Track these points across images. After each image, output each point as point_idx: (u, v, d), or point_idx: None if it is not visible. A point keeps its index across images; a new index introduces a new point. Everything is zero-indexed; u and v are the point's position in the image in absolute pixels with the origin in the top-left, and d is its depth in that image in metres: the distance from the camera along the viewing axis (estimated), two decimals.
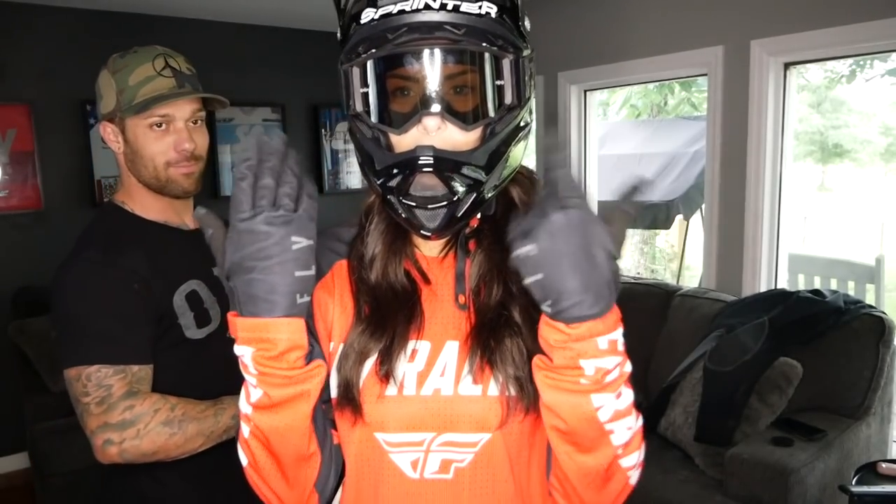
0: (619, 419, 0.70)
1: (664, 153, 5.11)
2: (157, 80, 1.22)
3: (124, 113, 1.22)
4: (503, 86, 0.74)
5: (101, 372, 1.12)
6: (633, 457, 0.74)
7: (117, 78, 1.22)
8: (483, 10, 0.71)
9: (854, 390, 2.43)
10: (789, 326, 2.47)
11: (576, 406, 0.69)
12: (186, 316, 1.23)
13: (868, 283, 4.27)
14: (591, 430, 0.70)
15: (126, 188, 1.31)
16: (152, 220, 1.29)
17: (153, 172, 1.25)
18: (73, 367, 1.14)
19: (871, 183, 9.72)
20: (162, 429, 1.12)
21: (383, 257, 0.83)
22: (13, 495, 3.33)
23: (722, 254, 3.10)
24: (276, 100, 4.28)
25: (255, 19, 4.05)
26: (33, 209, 3.51)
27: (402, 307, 0.80)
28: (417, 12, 0.70)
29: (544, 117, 3.87)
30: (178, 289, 1.23)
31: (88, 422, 1.13)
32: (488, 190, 0.75)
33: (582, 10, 3.58)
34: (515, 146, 0.78)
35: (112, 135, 1.28)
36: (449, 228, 0.75)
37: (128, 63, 1.22)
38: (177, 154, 1.24)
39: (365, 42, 0.73)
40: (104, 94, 1.25)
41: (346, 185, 4.62)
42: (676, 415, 2.55)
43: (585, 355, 0.66)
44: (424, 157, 0.71)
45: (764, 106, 2.85)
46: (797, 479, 2.09)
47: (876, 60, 5.87)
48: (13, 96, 3.41)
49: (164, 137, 1.23)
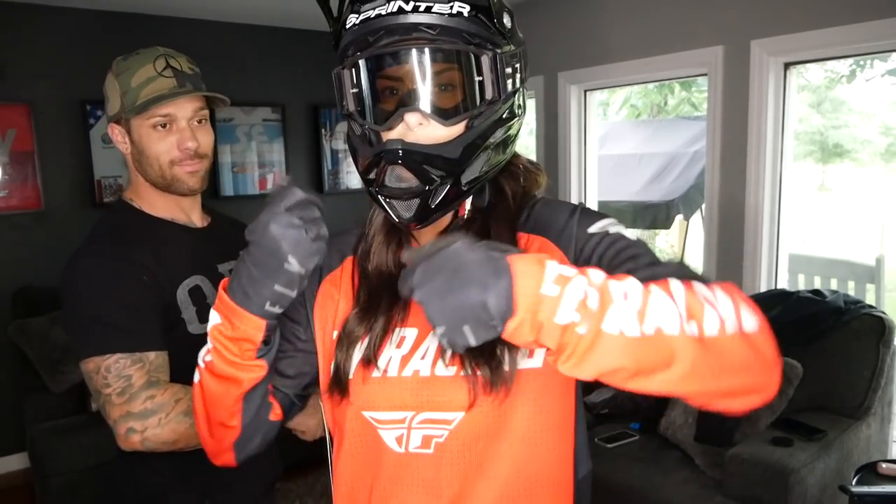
0: (650, 313, 0.61)
1: (664, 153, 5.11)
2: (158, 80, 1.24)
3: (128, 114, 1.24)
4: (482, 81, 0.77)
5: (120, 363, 1.14)
6: (711, 317, 0.63)
7: (120, 80, 1.25)
8: (455, 10, 0.75)
9: (854, 390, 2.43)
10: (789, 326, 2.47)
11: (607, 350, 0.61)
12: (189, 310, 1.26)
13: (868, 283, 4.27)
14: (645, 348, 0.61)
15: (134, 186, 1.34)
16: (160, 217, 1.32)
17: (158, 171, 1.28)
18: (90, 357, 1.15)
19: (871, 183, 9.72)
20: (183, 419, 1.14)
21: (379, 248, 0.88)
22: (13, 495, 3.33)
23: (722, 254, 3.10)
24: (276, 100, 4.28)
25: (256, 19, 4.05)
26: (33, 209, 3.51)
27: (391, 294, 0.82)
28: (393, 15, 0.74)
29: (544, 117, 3.87)
30: (182, 283, 1.26)
31: (111, 412, 1.15)
32: (466, 181, 0.79)
33: (582, 9, 3.58)
34: (501, 137, 0.81)
35: (119, 136, 1.30)
36: (426, 218, 0.79)
37: (130, 65, 1.25)
38: (180, 153, 1.26)
39: (351, 46, 0.79)
40: (110, 97, 1.28)
41: (345, 185, 4.62)
42: (676, 415, 2.56)
43: (551, 319, 0.60)
44: (392, 149, 0.76)
45: (764, 106, 2.85)
46: (797, 479, 2.09)
47: (876, 60, 5.87)
48: (13, 96, 3.41)
49: (167, 137, 1.26)
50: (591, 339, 0.60)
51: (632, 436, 2.68)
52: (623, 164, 5.25)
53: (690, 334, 0.62)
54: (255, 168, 4.27)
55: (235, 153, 4.18)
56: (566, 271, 0.62)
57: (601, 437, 2.67)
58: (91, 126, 3.62)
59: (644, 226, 5.24)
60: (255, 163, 4.27)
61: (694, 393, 0.65)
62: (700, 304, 0.64)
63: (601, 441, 2.65)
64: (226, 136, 4.11)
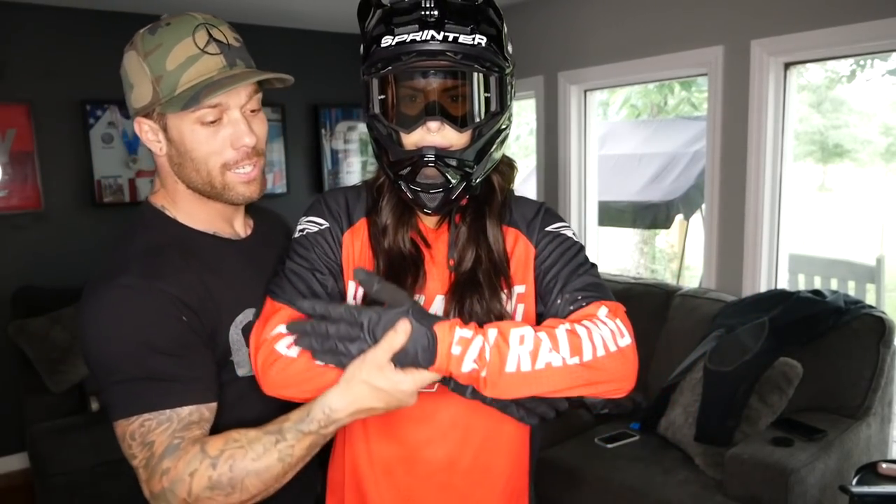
0: (541, 354, 0.89)
1: (664, 153, 5.11)
2: (203, 60, 0.98)
3: (166, 107, 0.98)
4: (489, 97, 0.98)
5: (145, 426, 0.92)
6: (587, 347, 0.91)
7: (151, 62, 0.98)
8: (475, 42, 0.94)
9: (854, 390, 2.43)
10: (789, 326, 2.47)
11: (511, 382, 0.89)
12: (241, 352, 1.03)
13: (868, 283, 4.27)
14: (539, 378, 0.89)
15: (169, 192, 1.08)
16: (200, 230, 1.07)
17: (206, 178, 1.02)
18: (116, 422, 0.94)
19: (871, 183, 9.72)
20: (211, 493, 0.89)
21: (394, 228, 1.06)
22: (13, 495, 3.33)
23: (722, 254, 3.10)
24: (276, 100, 4.27)
25: (255, 19, 4.05)
26: (33, 209, 3.51)
27: (410, 268, 1.04)
28: (426, 42, 0.92)
29: (544, 117, 3.87)
30: (235, 320, 1.03)
31: (143, 489, 0.93)
32: (476, 178, 1.01)
33: (582, 9, 3.58)
34: (499, 143, 1.02)
35: (150, 133, 1.03)
36: (445, 207, 1.01)
37: (162, 41, 0.98)
38: (236, 152, 1.02)
39: (384, 60, 0.95)
40: (135, 83, 1.00)
41: (345, 184, 4.61)
42: (676, 415, 2.55)
43: (458, 369, 0.88)
44: (429, 155, 0.96)
45: (764, 106, 2.84)
46: (797, 480, 2.09)
47: (876, 60, 5.86)
48: (13, 96, 3.41)
49: (217, 133, 1.00)
50: (495, 378, 0.88)
51: (632, 436, 2.68)
52: (623, 164, 5.24)
53: (572, 363, 0.89)
54: None
55: None
56: (466, 334, 0.88)
57: (601, 437, 2.67)
58: (91, 126, 3.62)
59: (644, 226, 5.23)
60: None
61: (573, 394, 0.93)
62: (578, 339, 0.91)
63: (601, 441, 2.65)
64: None
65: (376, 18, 0.96)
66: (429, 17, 0.92)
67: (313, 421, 0.90)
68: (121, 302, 0.94)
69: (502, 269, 1.05)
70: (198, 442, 0.91)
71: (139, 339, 0.93)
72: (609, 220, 4.92)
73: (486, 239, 1.05)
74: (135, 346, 0.93)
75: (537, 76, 3.83)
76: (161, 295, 0.95)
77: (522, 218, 1.10)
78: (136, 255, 0.99)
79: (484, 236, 1.06)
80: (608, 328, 0.93)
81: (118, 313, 0.93)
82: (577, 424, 2.85)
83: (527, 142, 7.37)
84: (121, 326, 0.93)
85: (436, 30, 0.92)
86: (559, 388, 0.90)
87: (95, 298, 0.95)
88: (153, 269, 0.96)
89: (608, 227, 5.19)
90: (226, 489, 0.89)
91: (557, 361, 0.89)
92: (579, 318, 0.95)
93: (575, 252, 1.06)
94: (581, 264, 1.04)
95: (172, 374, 0.93)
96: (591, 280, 1.02)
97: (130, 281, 0.94)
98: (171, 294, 0.95)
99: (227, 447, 0.90)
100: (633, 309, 3.48)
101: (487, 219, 1.06)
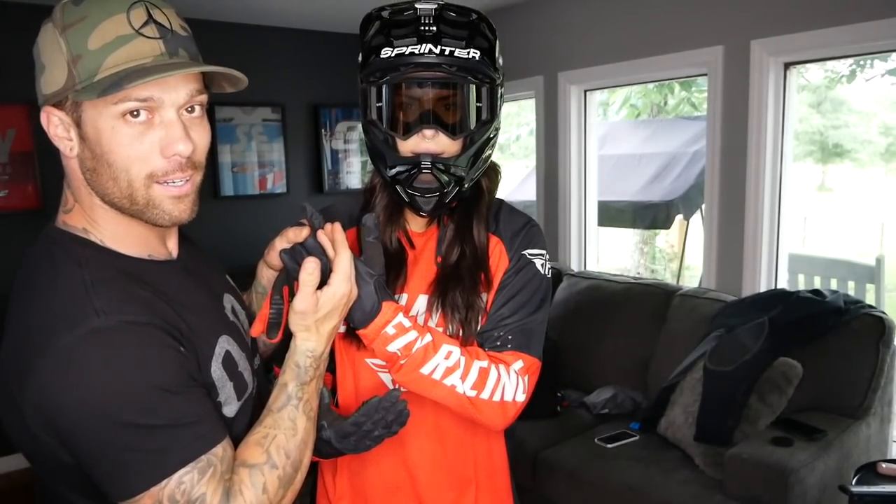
0: (454, 374, 1.01)
1: (664, 153, 5.10)
2: (136, 42, 0.78)
3: (81, 94, 0.77)
4: (481, 106, 1.05)
5: (185, 480, 0.76)
6: (487, 389, 1.04)
7: (70, 37, 0.77)
8: (470, 55, 1.00)
9: (854, 390, 2.43)
10: (789, 326, 2.47)
11: (418, 380, 1.02)
12: (226, 388, 0.88)
13: (868, 283, 4.27)
14: (440, 389, 1.02)
15: (86, 209, 0.85)
16: (134, 256, 0.86)
17: (126, 190, 0.81)
18: (140, 495, 0.75)
19: (871, 183, 9.72)
20: (284, 491, 0.85)
21: (382, 226, 1.12)
22: (13, 495, 3.33)
23: (722, 254, 3.10)
24: (276, 100, 4.28)
25: (255, 19, 4.05)
26: (33, 209, 3.51)
27: (394, 265, 1.12)
28: (424, 55, 0.98)
29: (544, 117, 3.87)
30: (213, 354, 0.87)
31: None
32: (467, 182, 1.08)
33: (583, 9, 3.58)
34: (488, 150, 1.10)
35: (60, 127, 0.81)
36: (438, 210, 1.09)
37: (88, 13, 0.77)
38: (165, 161, 0.81)
39: (382, 70, 1.01)
40: (48, 63, 0.80)
41: (345, 184, 4.62)
42: (676, 415, 2.55)
43: (383, 347, 0.98)
44: (425, 162, 1.03)
45: (764, 106, 2.85)
46: (797, 479, 2.09)
47: (876, 60, 5.86)
48: (13, 96, 3.40)
49: (145, 135, 0.79)
50: (410, 370, 1.00)
51: (632, 436, 2.68)
52: (623, 164, 5.24)
53: (468, 394, 1.03)
54: (254, 168, 4.28)
55: (235, 153, 4.18)
56: (406, 323, 0.98)
57: (601, 437, 2.67)
58: None
59: (644, 226, 5.23)
60: (254, 163, 4.27)
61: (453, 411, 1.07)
62: (485, 380, 1.03)
63: (601, 441, 2.65)
64: (225, 136, 4.11)
65: (376, 30, 1.02)
66: (427, 31, 0.99)
67: (308, 369, 0.91)
68: (105, 350, 0.74)
69: (483, 265, 1.13)
70: (237, 467, 0.82)
71: (146, 384, 0.75)
72: (609, 220, 4.91)
73: (472, 236, 1.13)
74: (143, 394, 0.75)
75: (537, 76, 3.83)
76: (149, 328, 0.77)
77: (508, 230, 1.16)
78: (81, 295, 0.76)
79: (469, 234, 1.13)
80: (513, 383, 1.05)
81: (108, 364, 0.74)
82: (577, 424, 2.85)
83: (527, 142, 7.35)
84: (119, 377, 0.74)
85: (433, 43, 0.98)
86: (446, 404, 1.04)
87: (62, 360, 0.73)
88: (120, 303, 0.77)
89: (608, 227, 5.18)
90: (290, 476, 0.86)
91: (459, 387, 1.02)
92: (496, 361, 1.06)
93: (533, 289, 1.11)
94: (529, 305, 1.10)
95: (195, 413, 0.78)
96: (527, 326, 1.09)
97: (101, 323, 0.74)
98: (157, 325, 0.78)
99: (265, 443, 0.84)
100: (633, 309, 3.49)
101: (474, 218, 1.14)
